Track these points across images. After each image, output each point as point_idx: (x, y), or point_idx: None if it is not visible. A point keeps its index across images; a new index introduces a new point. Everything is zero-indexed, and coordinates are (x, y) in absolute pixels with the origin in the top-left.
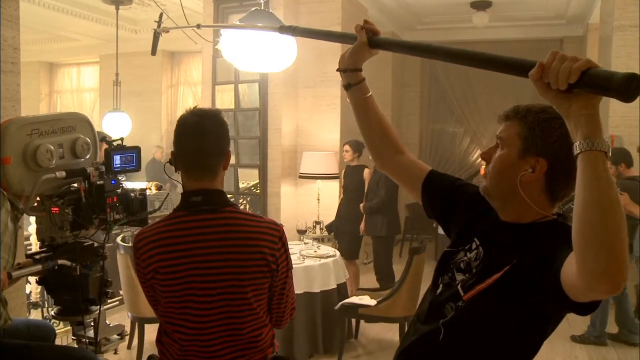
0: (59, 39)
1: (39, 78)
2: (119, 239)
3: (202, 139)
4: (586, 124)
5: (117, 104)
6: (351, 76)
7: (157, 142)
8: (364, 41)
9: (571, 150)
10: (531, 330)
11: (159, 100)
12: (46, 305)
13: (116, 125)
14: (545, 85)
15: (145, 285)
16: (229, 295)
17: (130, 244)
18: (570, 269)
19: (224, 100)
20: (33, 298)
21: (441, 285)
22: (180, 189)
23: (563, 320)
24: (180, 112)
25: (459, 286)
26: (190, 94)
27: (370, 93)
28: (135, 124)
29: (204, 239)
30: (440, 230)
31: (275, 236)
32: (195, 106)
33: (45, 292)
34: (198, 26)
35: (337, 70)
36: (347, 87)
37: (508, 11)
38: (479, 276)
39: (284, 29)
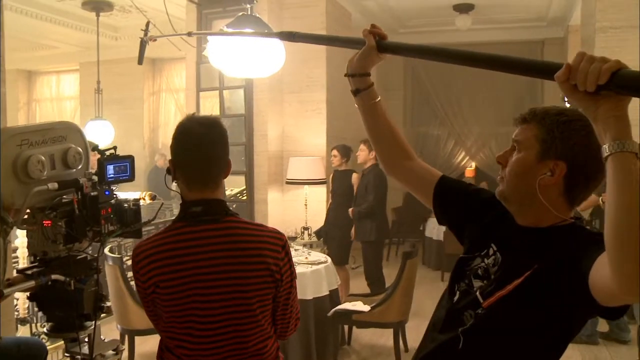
0: (38, 47)
1: (17, 87)
2: (106, 250)
3: (206, 149)
4: (615, 125)
5: (99, 112)
6: (360, 81)
7: (140, 150)
8: (373, 45)
9: (591, 152)
10: (554, 335)
11: (140, 107)
12: (35, 321)
13: (99, 134)
14: (571, 87)
15: (146, 300)
16: (233, 307)
17: (118, 255)
18: (601, 273)
19: (208, 107)
20: (21, 314)
21: (458, 293)
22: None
23: None
24: (162, 119)
25: (477, 293)
26: (173, 101)
27: (379, 98)
28: (118, 132)
29: (205, 250)
30: (427, 233)
31: (279, 245)
32: (194, 113)
33: (33, 308)
34: (189, 34)
35: (345, 76)
36: (355, 92)
37: (490, 14)
38: (499, 282)
39: (284, 35)
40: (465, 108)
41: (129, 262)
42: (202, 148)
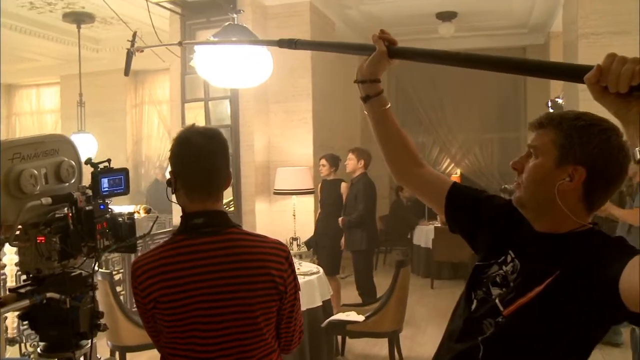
0: (17, 60)
1: None
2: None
3: (209, 160)
4: None
5: (81, 125)
6: (370, 87)
7: (124, 163)
8: (384, 51)
9: (611, 157)
10: (578, 341)
11: (123, 120)
12: (24, 341)
13: (81, 147)
14: (601, 89)
15: (146, 316)
16: (237, 321)
17: (107, 270)
18: (633, 278)
19: (192, 118)
20: (9, 334)
21: (475, 301)
22: None
23: None
24: (146, 131)
25: (496, 301)
26: (156, 113)
27: (389, 105)
28: (100, 145)
29: (207, 263)
30: (415, 241)
31: (282, 257)
32: (193, 124)
33: (20, 327)
34: (180, 44)
35: (355, 82)
36: (365, 99)
37: (473, 21)
38: (519, 290)
39: (285, 43)
40: (449, 115)
41: (117, 277)
42: (202, 159)
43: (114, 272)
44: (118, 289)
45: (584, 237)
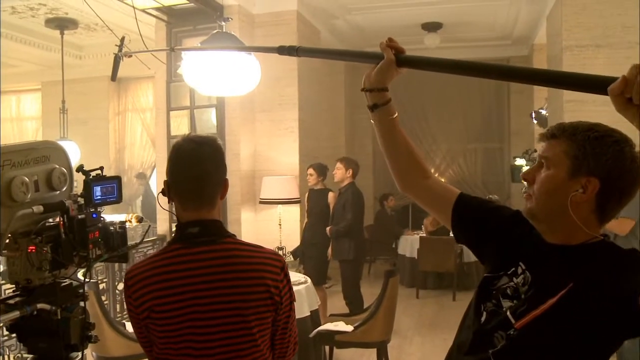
0: None
1: None
2: (79, 274)
3: (199, 167)
4: None
5: (64, 133)
6: (378, 96)
7: (106, 172)
8: (392, 59)
9: (625, 168)
10: (591, 354)
11: (106, 128)
12: (7, 352)
13: None
14: (625, 100)
15: (139, 327)
16: (231, 332)
17: (92, 280)
18: None
19: (177, 127)
20: None
21: (485, 313)
22: None
23: None
24: (129, 139)
25: (507, 313)
26: (139, 121)
27: (396, 114)
28: (82, 153)
29: (202, 272)
30: (400, 251)
31: (277, 267)
32: (189, 133)
33: (1, 338)
34: (172, 49)
35: (362, 90)
36: (373, 107)
37: (458, 32)
38: (531, 302)
39: (285, 50)
40: (433, 125)
41: (101, 287)
42: (193, 166)
43: (98, 282)
44: (102, 297)
45: (596, 249)
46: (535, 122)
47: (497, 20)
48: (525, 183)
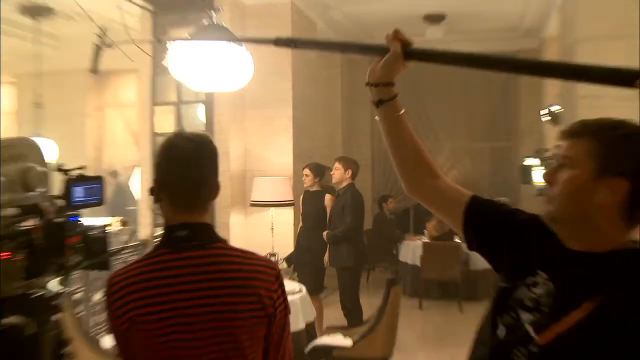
0: None
1: None
2: (53, 283)
3: (198, 170)
4: None
5: (39, 129)
6: (383, 91)
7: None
8: (399, 52)
9: None
10: None
11: (84, 124)
12: None
13: None
14: None
15: (120, 339)
16: (220, 345)
17: (67, 289)
18: None
19: (161, 123)
20: None
21: (502, 327)
22: None
23: None
24: (109, 136)
25: (528, 327)
26: (120, 117)
27: (403, 110)
28: (59, 151)
29: (189, 280)
30: (402, 258)
31: (272, 275)
32: (181, 130)
33: None
34: (159, 40)
35: (366, 85)
36: (378, 103)
37: (462, 24)
38: (553, 315)
39: (282, 42)
40: (436, 124)
41: (76, 297)
42: (192, 168)
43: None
44: (76, 309)
45: (624, 258)
46: (547, 119)
47: (504, 10)
48: (538, 184)
